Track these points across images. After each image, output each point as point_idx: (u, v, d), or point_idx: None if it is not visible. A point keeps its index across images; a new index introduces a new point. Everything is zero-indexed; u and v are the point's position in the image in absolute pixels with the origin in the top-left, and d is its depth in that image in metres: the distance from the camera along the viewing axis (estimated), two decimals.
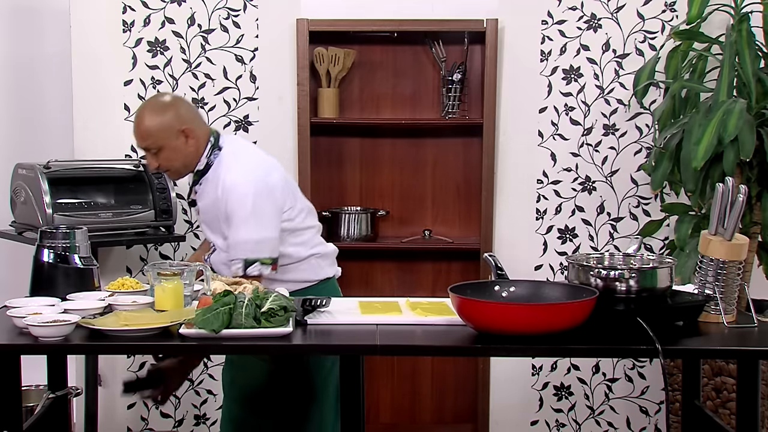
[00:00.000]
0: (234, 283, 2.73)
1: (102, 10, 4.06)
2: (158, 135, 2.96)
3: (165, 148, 2.98)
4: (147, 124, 2.97)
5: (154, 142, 2.97)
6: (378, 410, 4.33)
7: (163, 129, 2.97)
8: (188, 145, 3.00)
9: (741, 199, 2.56)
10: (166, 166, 3.03)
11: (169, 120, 2.98)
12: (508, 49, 4.07)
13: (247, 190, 2.93)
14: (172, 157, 3.00)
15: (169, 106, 3.01)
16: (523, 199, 4.14)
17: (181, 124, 2.99)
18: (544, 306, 2.43)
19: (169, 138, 2.97)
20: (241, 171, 2.98)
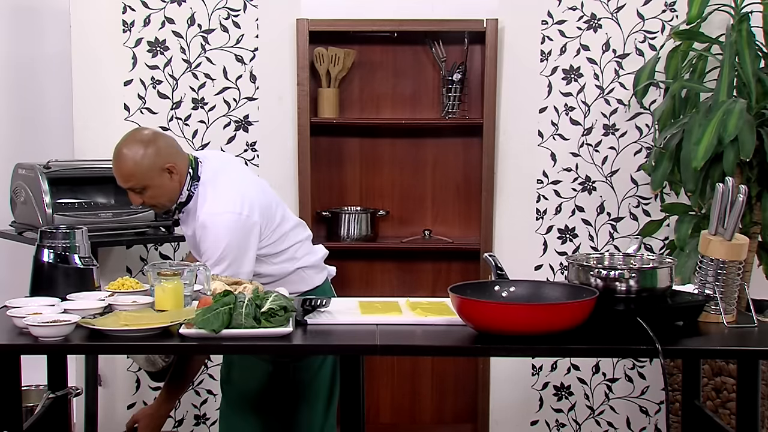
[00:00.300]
0: (234, 283, 2.73)
1: (102, 10, 4.06)
2: (142, 175, 2.84)
3: (150, 186, 2.87)
4: (129, 165, 2.84)
5: (138, 182, 2.86)
6: (378, 410, 4.34)
7: (147, 168, 2.85)
8: (172, 180, 2.90)
9: (741, 199, 2.56)
10: (150, 203, 2.93)
11: (151, 159, 2.85)
12: (508, 49, 4.07)
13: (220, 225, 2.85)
14: (157, 195, 2.90)
15: (149, 144, 2.87)
16: (523, 199, 4.14)
17: (164, 161, 2.87)
18: (544, 306, 2.43)
19: (153, 177, 2.86)
20: (215, 204, 2.88)
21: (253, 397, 3.12)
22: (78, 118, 4.09)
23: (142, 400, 4.21)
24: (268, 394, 3.11)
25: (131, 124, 4.08)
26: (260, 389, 3.11)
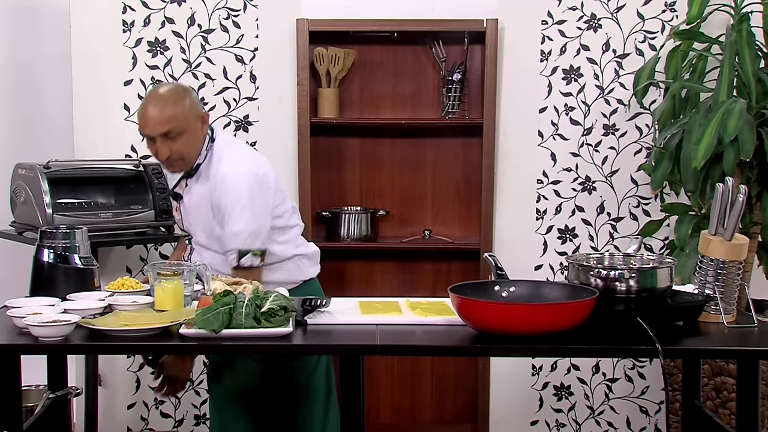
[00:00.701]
0: (234, 283, 2.73)
1: (102, 10, 4.06)
2: (184, 117, 2.88)
3: (186, 132, 2.89)
4: (172, 107, 2.87)
5: (177, 126, 2.87)
6: (378, 410, 4.33)
7: (189, 112, 2.90)
8: (202, 131, 2.96)
9: (741, 199, 2.56)
10: (181, 152, 2.91)
11: (192, 103, 2.93)
12: (508, 49, 4.07)
13: (242, 182, 2.91)
14: (190, 143, 2.92)
15: (187, 91, 2.97)
16: (523, 199, 4.14)
17: (199, 109, 2.97)
18: (544, 306, 2.43)
19: (192, 121, 2.91)
20: (235, 163, 2.95)
21: (244, 397, 3.12)
22: (78, 118, 4.09)
23: (142, 400, 4.22)
24: (259, 394, 3.11)
25: (131, 124, 4.09)
26: (252, 389, 3.11)
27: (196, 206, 3.03)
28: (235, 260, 2.93)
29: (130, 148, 4.12)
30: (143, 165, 3.90)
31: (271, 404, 3.11)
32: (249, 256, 2.93)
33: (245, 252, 2.92)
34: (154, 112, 2.87)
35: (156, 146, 2.91)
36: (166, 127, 2.86)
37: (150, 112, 2.88)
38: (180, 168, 3.01)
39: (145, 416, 4.23)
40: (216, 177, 2.93)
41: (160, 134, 2.88)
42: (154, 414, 4.23)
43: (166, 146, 2.89)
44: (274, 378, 3.09)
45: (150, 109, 2.88)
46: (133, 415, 4.22)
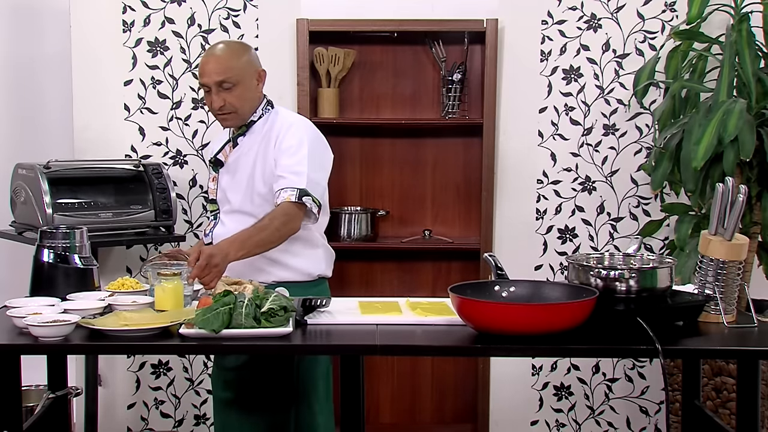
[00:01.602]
0: (234, 283, 2.73)
1: (102, 10, 4.06)
2: (241, 69, 2.98)
3: (241, 84, 2.98)
4: (230, 57, 2.98)
5: (234, 76, 2.96)
6: (378, 410, 4.34)
7: (246, 65, 3.00)
8: (258, 89, 3.05)
9: (741, 199, 2.56)
10: (235, 105, 2.99)
11: (250, 58, 3.04)
12: (508, 49, 4.07)
13: (311, 133, 3.05)
14: (244, 97, 3.00)
15: (247, 48, 3.09)
16: (523, 199, 4.14)
17: (258, 65, 3.06)
18: (544, 306, 2.43)
19: (248, 75, 3.01)
20: (303, 119, 3.13)
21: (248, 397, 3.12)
22: (78, 118, 4.09)
23: (142, 400, 4.22)
24: (262, 394, 3.11)
25: (131, 124, 4.09)
26: (255, 389, 3.11)
27: (244, 162, 3.05)
28: (295, 197, 2.89)
29: (130, 148, 4.12)
30: (143, 165, 3.90)
31: (275, 404, 3.11)
32: (310, 199, 2.92)
33: (306, 193, 2.91)
34: (212, 61, 2.99)
35: (211, 96, 3.00)
36: (221, 76, 2.96)
37: (208, 60, 3.00)
38: (231, 122, 3.06)
39: (145, 416, 4.23)
40: (283, 124, 3.02)
41: (216, 83, 2.97)
42: (154, 414, 4.23)
43: (221, 97, 2.98)
44: (278, 380, 3.09)
45: (209, 58, 3.01)
46: (133, 415, 4.22)
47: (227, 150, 3.11)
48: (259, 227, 2.88)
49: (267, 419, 3.10)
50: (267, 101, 3.12)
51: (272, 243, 2.90)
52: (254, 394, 3.09)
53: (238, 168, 3.07)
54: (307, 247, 3.08)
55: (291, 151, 2.96)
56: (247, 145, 3.06)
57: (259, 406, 3.09)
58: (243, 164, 3.06)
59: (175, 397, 4.21)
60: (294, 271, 3.05)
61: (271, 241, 2.88)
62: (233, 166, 3.08)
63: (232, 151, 3.09)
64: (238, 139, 3.09)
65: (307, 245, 3.08)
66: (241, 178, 3.05)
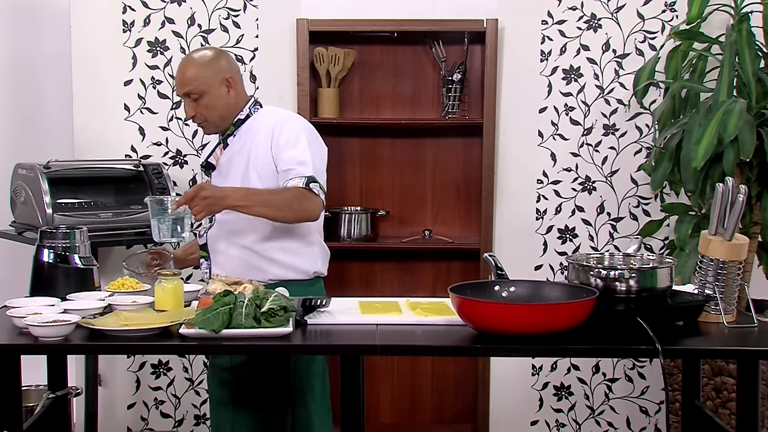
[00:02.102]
0: (234, 283, 2.73)
1: (102, 10, 4.06)
2: (201, 80, 2.98)
3: (206, 94, 2.99)
4: (191, 69, 2.99)
5: (197, 87, 2.98)
6: (378, 410, 4.34)
7: (207, 75, 2.99)
8: (229, 95, 3.03)
9: (741, 199, 2.56)
10: (204, 114, 3.01)
11: (213, 67, 3.02)
12: (508, 49, 4.07)
13: (305, 126, 3.06)
14: (212, 105, 3.00)
15: (214, 56, 3.06)
16: (523, 199, 4.14)
17: (225, 73, 3.03)
18: (544, 306, 2.43)
19: (212, 85, 2.99)
20: (294, 115, 3.14)
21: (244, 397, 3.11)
22: (78, 118, 4.09)
23: (142, 400, 4.22)
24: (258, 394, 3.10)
25: (131, 124, 4.09)
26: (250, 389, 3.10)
27: (237, 161, 3.05)
28: (303, 183, 2.90)
29: (130, 148, 4.12)
30: (143, 165, 3.90)
31: (271, 405, 3.10)
32: (317, 185, 2.93)
33: (314, 179, 2.93)
34: (179, 72, 3.04)
35: (185, 106, 3.05)
36: (185, 88, 3.00)
37: (178, 72, 3.05)
38: (207, 130, 3.10)
39: (145, 416, 4.23)
40: (277, 120, 3.03)
41: (183, 94, 3.02)
42: (154, 414, 4.23)
43: (191, 106, 3.02)
44: (274, 379, 3.09)
45: (179, 69, 3.05)
46: (133, 415, 4.22)
47: (218, 152, 3.12)
48: (271, 191, 2.92)
49: (263, 419, 3.10)
50: (254, 101, 3.12)
51: (281, 211, 2.87)
52: (250, 393, 3.09)
53: (231, 168, 3.06)
54: (304, 244, 3.08)
55: (291, 144, 2.97)
56: (237, 144, 3.07)
57: (255, 406, 3.08)
58: (236, 163, 3.05)
59: (175, 397, 4.21)
60: (290, 269, 3.05)
61: (280, 206, 2.86)
62: (226, 167, 3.08)
63: (223, 152, 3.10)
64: (228, 139, 3.09)
65: (303, 242, 3.08)
66: (235, 177, 3.05)
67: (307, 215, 2.94)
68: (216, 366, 3.16)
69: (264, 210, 2.86)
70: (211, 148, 3.16)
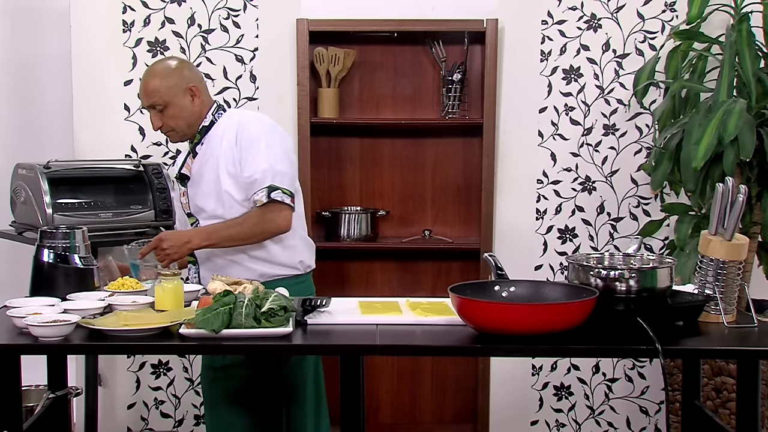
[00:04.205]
0: (234, 283, 2.73)
1: (102, 10, 4.06)
2: (165, 91, 3.01)
3: (171, 105, 3.02)
4: (154, 81, 3.02)
5: (161, 98, 3.01)
6: (378, 410, 4.34)
7: (170, 86, 3.02)
8: (194, 104, 3.06)
9: (741, 199, 2.56)
10: (170, 125, 3.05)
11: (176, 77, 3.04)
12: (508, 49, 4.07)
13: (262, 125, 3.08)
14: (177, 115, 3.03)
15: (176, 66, 3.09)
16: (523, 199, 4.14)
17: (188, 82, 3.05)
18: (544, 306, 2.43)
19: (175, 95, 3.03)
20: (254, 114, 3.19)
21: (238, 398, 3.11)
22: (78, 118, 4.09)
23: (142, 400, 4.22)
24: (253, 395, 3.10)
25: (131, 124, 4.09)
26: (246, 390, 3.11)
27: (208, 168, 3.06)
28: (265, 196, 2.94)
29: (130, 148, 4.12)
30: (143, 165, 3.90)
31: (264, 405, 3.11)
32: (279, 192, 2.96)
33: (275, 188, 2.96)
34: (142, 85, 3.08)
35: (151, 117, 3.08)
36: (149, 100, 3.05)
37: (141, 84, 3.08)
38: (174, 139, 3.14)
39: (145, 416, 4.23)
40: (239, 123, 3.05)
41: (148, 106, 3.06)
42: (154, 414, 4.23)
43: (157, 118, 3.05)
44: (268, 379, 3.09)
45: (142, 81, 3.08)
46: (133, 415, 4.22)
47: (189, 162, 3.13)
48: (231, 223, 2.99)
49: (258, 419, 3.10)
50: (218, 106, 3.13)
51: (246, 240, 2.99)
52: (243, 393, 3.09)
53: (203, 176, 3.08)
54: (288, 237, 3.09)
55: (251, 149, 3.00)
56: (206, 152, 3.08)
57: (249, 406, 3.09)
58: (207, 171, 3.07)
59: (175, 397, 4.21)
60: (278, 266, 3.05)
61: (242, 238, 2.97)
62: (198, 176, 3.10)
63: (194, 161, 3.11)
64: (197, 148, 3.10)
65: (286, 237, 3.08)
66: (209, 184, 3.06)
67: (274, 233, 3.01)
68: (208, 366, 3.16)
69: (229, 243, 3.00)
70: (182, 159, 3.17)
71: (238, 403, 3.10)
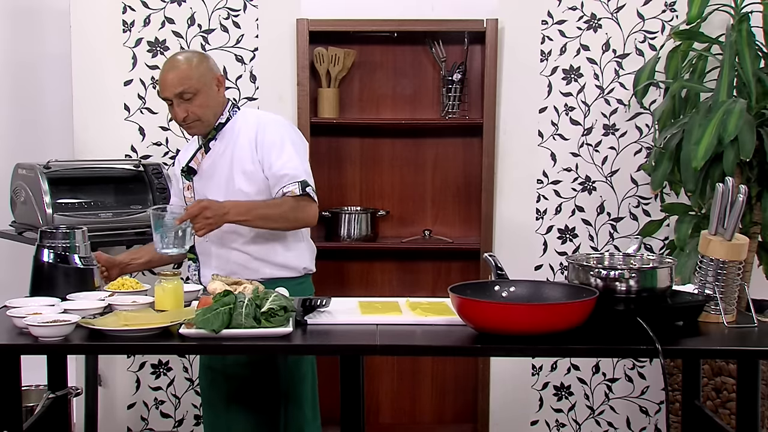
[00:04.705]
0: (234, 283, 2.73)
1: (102, 10, 4.06)
2: (198, 78, 2.96)
3: (201, 93, 2.97)
4: (186, 68, 2.96)
5: (192, 86, 2.95)
6: (378, 410, 4.34)
7: (203, 73, 2.98)
8: (219, 94, 3.04)
9: (741, 199, 2.56)
10: (197, 114, 2.98)
11: (206, 65, 3.02)
12: (508, 49, 4.07)
13: (289, 127, 3.10)
14: (206, 104, 2.99)
15: (204, 56, 3.07)
16: (523, 199, 4.14)
17: (215, 71, 3.04)
18: (544, 306, 2.43)
19: (207, 83, 2.99)
20: (275, 117, 3.14)
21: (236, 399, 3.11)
22: (78, 118, 4.09)
23: (142, 400, 4.22)
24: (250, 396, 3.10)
25: (131, 124, 4.09)
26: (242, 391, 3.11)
27: (221, 164, 3.05)
28: (298, 188, 2.95)
29: (130, 148, 4.12)
30: (143, 165, 3.90)
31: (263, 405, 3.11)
32: (310, 189, 2.98)
33: (307, 183, 2.98)
34: (169, 74, 2.98)
35: (174, 109, 3.00)
36: (180, 87, 2.96)
37: (166, 74, 2.99)
38: (197, 130, 3.06)
39: (145, 416, 4.23)
40: (258, 123, 3.04)
41: (176, 95, 2.97)
42: (154, 414, 4.23)
43: (183, 108, 2.98)
44: (266, 379, 3.09)
45: (166, 72, 3.00)
46: (133, 415, 4.22)
47: (199, 157, 3.10)
48: (269, 203, 2.96)
49: (257, 418, 3.10)
50: (232, 103, 3.12)
51: (277, 222, 2.95)
52: (242, 393, 3.09)
53: (215, 172, 3.07)
54: (294, 240, 3.10)
55: (277, 148, 3.00)
56: (220, 147, 3.07)
57: (247, 406, 3.09)
58: (220, 167, 3.06)
59: (175, 397, 4.21)
60: (282, 268, 3.06)
61: (275, 219, 2.94)
62: (209, 171, 3.08)
63: (205, 157, 3.09)
64: (210, 143, 3.08)
65: (293, 239, 3.09)
66: (220, 181, 3.05)
67: (304, 223, 3.01)
68: (205, 366, 3.16)
69: (262, 223, 2.94)
70: (190, 152, 3.14)
71: (238, 403, 3.10)
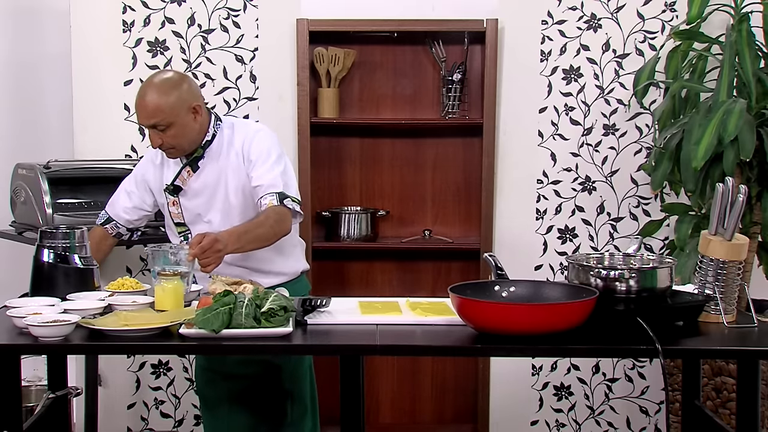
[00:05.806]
0: (234, 283, 2.73)
1: (102, 10, 4.06)
2: (169, 112, 2.90)
3: (175, 125, 2.92)
4: (158, 101, 2.89)
5: (164, 119, 2.90)
6: (378, 410, 4.34)
7: (175, 106, 2.91)
8: (195, 122, 2.97)
9: (741, 199, 2.56)
10: (171, 143, 2.95)
11: (180, 96, 2.93)
12: (508, 49, 4.07)
13: (273, 138, 3.06)
14: (179, 134, 2.94)
15: (178, 82, 2.96)
16: (523, 199, 4.14)
17: (191, 100, 2.96)
18: (544, 306, 2.43)
19: (180, 115, 2.92)
20: (259, 127, 3.12)
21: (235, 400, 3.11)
22: (78, 119, 4.09)
23: (142, 400, 4.22)
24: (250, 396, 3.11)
25: (131, 124, 4.09)
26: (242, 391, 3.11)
27: (213, 182, 3.04)
28: (276, 200, 2.92)
29: (130, 148, 4.12)
30: None
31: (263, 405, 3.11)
32: (289, 200, 2.95)
33: (285, 195, 2.95)
34: (142, 103, 2.93)
35: (150, 135, 2.97)
36: (152, 120, 2.91)
37: (140, 101, 2.94)
38: (175, 155, 3.03)
39: (145, 416, 4.23)
40: (246, 136, 3.02)
41: (149, 126, 2.94)
42: (154, 414, 4.23)
43: (157, 136, 2.94)
44: (266, 379, 3.09)
45: (140, 98, 2.94)
46: (133, 415, 4.22)
47: (185, 175, 3.07)
48: (256, 223, 2.90)
49: (257, 418, 3.10)
50: (215, 118, 3.07)
51: (266, 241, 2.91)
52: (242, 393, 3.09)
53: (204, 190, 3.05)
54: (289, 245, 3.10)
55: (261, 159, 2.98)
56: (209, 166, 3.05)
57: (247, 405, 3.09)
58: (210, 185, 3.04)
59: (175, 397, 4.21)
60: (280, 275, 3.07)
61: (266, 238, 2.90)
62: (197, 190, 3.06)
63: (193, 175, 3.06)
64: (198, 162, 3.05)
65: (287, 244, 3.09)
66: (216, 199, 3.04)
67: (282, 235, 2.96)
68: (202, 367, 3.17)
69: (252, 246, 2.89)
70: (174, 170, 3.09)
71: (238, 403, 3.10)
